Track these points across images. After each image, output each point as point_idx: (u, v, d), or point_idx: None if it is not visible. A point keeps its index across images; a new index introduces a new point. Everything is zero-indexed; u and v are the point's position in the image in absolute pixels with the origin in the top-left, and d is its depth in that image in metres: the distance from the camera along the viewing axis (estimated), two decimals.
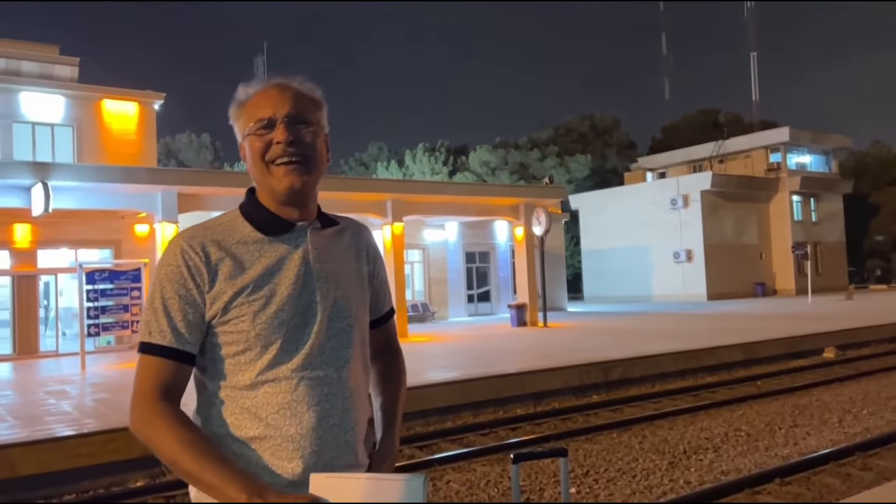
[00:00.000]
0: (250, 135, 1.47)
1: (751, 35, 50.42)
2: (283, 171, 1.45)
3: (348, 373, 1.49)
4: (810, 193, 37.71)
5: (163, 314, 1.38)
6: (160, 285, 1.40)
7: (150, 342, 1.38)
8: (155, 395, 1.35)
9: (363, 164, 53.70)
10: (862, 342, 15.87)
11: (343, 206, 18.84)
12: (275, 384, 1.40)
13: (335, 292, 1.50)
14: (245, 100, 1.51)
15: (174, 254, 1.41)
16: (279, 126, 1.45)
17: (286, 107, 1.47)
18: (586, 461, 7.40)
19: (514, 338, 17.19)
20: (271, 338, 1.40)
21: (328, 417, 1.43)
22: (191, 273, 1.40)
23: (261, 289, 1.42)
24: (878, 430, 8.27)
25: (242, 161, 1.54)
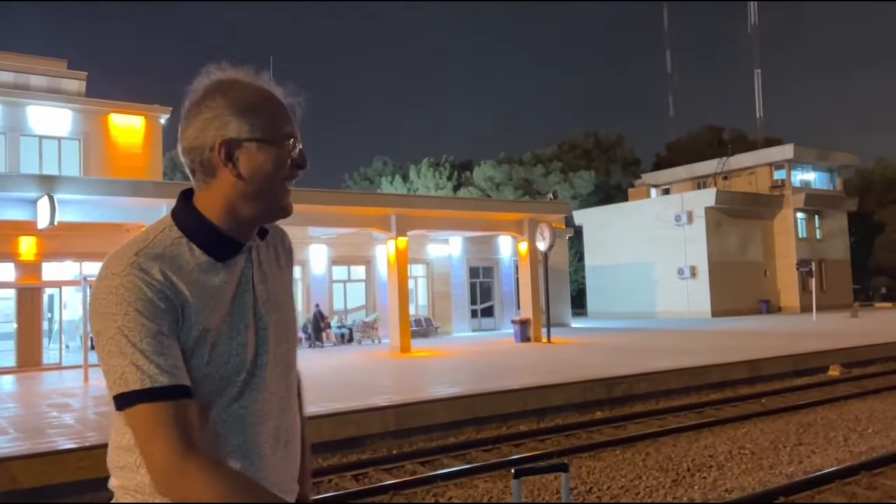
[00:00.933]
0: (273, 144, 1.29)
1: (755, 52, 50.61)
2: (288, 194, 1.35)
3: (289, 401, 1.41)
4: (815, 210, 37.67)
5: (154, 352, 1.18)
6: (135, 322, 1.18)
7: (155, 387, 1.16)
8: (184, 446, 1.14)
9: (368, 179, 53.87)
10: (867, 360, 15.79)
11: (347, 221, 18.92)
12: (227, 426, 1.27)
13: (276, 314, 1.38)
14: (256, 93, 1.31)
15: (136, 285, 1.20)
16: (301, 151, 1.34)
17: (298, 129, 1.35)
18: (589, 478, 7.35)
19: (518, 353, 17.15)
20: (230, 380, 1.28)
21: (276, 451, 1.35)
22: (165, 304, 1.21)
23: (222, 326, 1.27)
24: (883, 449, 8.22)
25: (219, 160, 1.28)
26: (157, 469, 1.16)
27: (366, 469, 7.99)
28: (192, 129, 1.29)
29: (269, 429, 1.33)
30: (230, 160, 1.28)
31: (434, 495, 7.04)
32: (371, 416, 9.22)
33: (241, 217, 1.31)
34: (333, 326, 23.05)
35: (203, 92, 1.30)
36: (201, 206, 1.32)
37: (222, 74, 1.32)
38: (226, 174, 1.28)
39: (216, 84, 1.31)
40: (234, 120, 1.28)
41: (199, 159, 1.29)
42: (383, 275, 23.52)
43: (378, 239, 23.32)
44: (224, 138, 1.27)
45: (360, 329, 23.54)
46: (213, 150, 1.28)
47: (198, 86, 1.32)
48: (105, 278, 1.22)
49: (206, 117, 1.28)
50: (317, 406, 9.52)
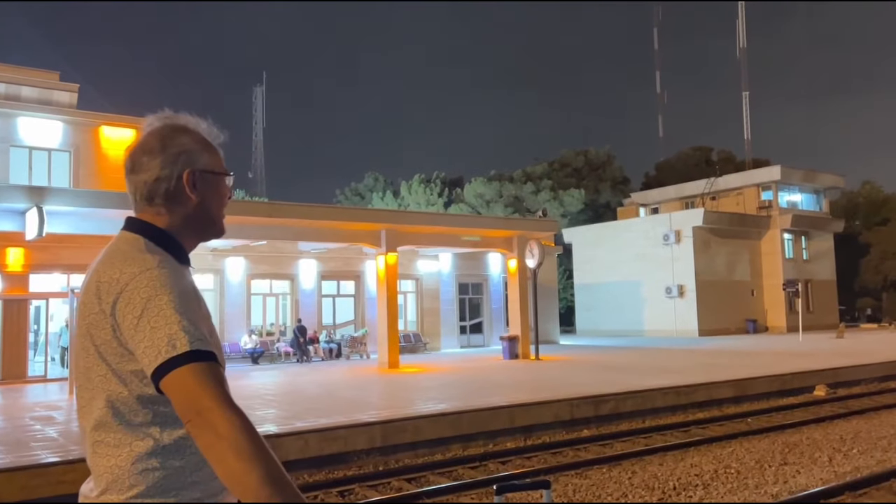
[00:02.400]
0: (223, 176, 1.58)
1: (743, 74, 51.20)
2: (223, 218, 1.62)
3: None
4: (801, 231, 38.00)
5: (195, 325, 1.34)
6: (182, 301, 1.36)
7: (203, 349, 1.31)
8: (233, 402, 1.28)
9: (359, 195, 53.92)
10: (852, 381, 15.89)
11: (337, 236, 18.92)
12: None
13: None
14: (211, 140, 1.59)
15: (170, 276, 1.39)
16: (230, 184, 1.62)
17: None
18: (575, 496, 7.36)
19: (506, 370, 17.14)
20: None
21: None
22: (195, 295, 1.44)
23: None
24: (868, 469, 8.27)
25: (187, 188, 1.51)
26: (211, 411, 1.24)
27: (352, 485, 7.97)
28: (158, 162, 1.50)
29: None
30: (194, 189, 1.52)
31: None
32: (357, 432, 9.20)
33: (192, 235, 1.55)
34: (322, 341, 22.97)
35: (169, 130, 1.54)
36: (161, 225, 1.52)
37: (176, 118, 1.57)
38: (188, 201, 1.52)
39: (176, 126, 1.55)
40: (202, 155, 1.54)
41: (165, 188, 1.50)
42: (372, 290, 23.51)
43: (368, 254, 23.34)
44: (192, 168, 1.52)
45: (349, 344, 23.47)
46: (181, 180, 1.51)
47: (154, 126, 1.55)
48: (139, 274, 1.38)
49: (175, 151, 1.51)
50: (303, 421, 9.48)
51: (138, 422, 1.40)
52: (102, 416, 1.40)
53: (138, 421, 1.40)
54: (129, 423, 1.39)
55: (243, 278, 22.60)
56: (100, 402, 1.41)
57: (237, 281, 22.54)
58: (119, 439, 1.39)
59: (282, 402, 11.93)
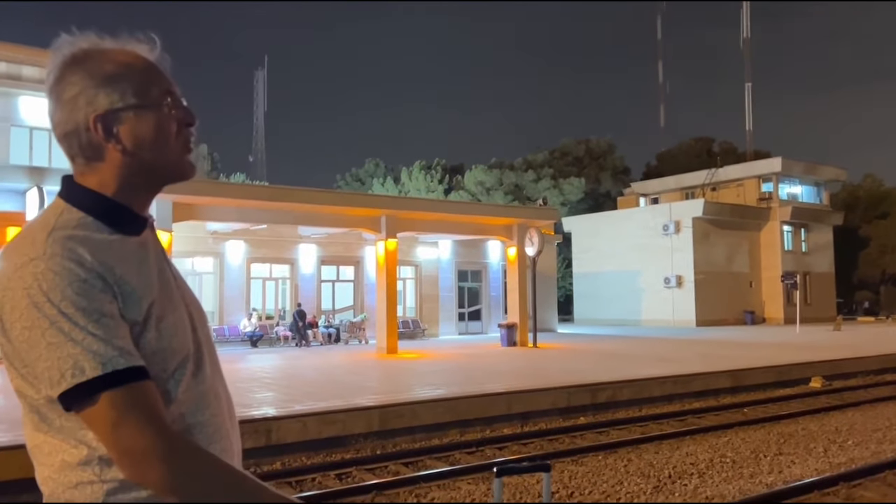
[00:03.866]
0: (150, 107, 1.20)
1: (746, 65, 51.01)
2: (192, 160, 1.26)
3: (224, 379, 1.36)
4: (801, 224, 38.02)
5: (106, 334, 1.07)
6: (75, 305, 1.06)
7: (118, 370, 1.06)
8: (163, 428, 1.08)
9: (359, 180, 53.87)
10: (849, 373, 15.94)
11: (337, 221, 18.92)
12: (193, 403, 1.21)
13: (188, 288, 1.33)
14: (118, 58, 1.20)
15: (67, 268, 1.08)
16: (184, 106, 1.25)
17: (174, 83, 1.26)
18: (571, 482, 7.40)
19: (504, 357, 17.19)
20: (182, 353, 1.20)
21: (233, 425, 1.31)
22: (103, 284, 1.10)
23: (161, 299, 1.19)
24: (862, 460, 8.31)
25: (100, 137, 1.18)
26: (135, 455, 1.05)
27: (349, 468, 8.01)
28: (61, 113, 1.19)
29: (224, 403, 1.29)
30: (111, 135, 1.18)
31: (416, 496, 7.07)
32: (356, 416, 9.24)
33: (138, 190, 1.22)
34: (321, 326, 23.03)
35: (59, 70, 1.19)
36: (92, 186, 1.20)
37: (74, 46, 1.20)
38: (111, 152, 1.19)
39: (70, 58, 1.19)
40: (100, 92, 1.17)
41: (79, 143, 1.19)
42: (372, 276, 23.53)
43: (368, 240, 23.34)
44: (96, 113, 1.17)
45: (348, 329, 23.53)
46: (90, 130, 1.18)
47: (52, 64, 1.19)
48: (22, 266, 1.08)
49: (71, 96, 1.17)
50: (301, 405, 9.52)
51: (69, 426, 1.12)
52: (30, 418, 1.16)
53: (69, 425, 1.11)
54: (57, 427, 1.12)
55: (243, 262, 22.62)
56: (23, 403, 1.16)
57: (237, 265, 22.56)
58: (52, 446, 1.14)
59: (280, 385, 11.98)
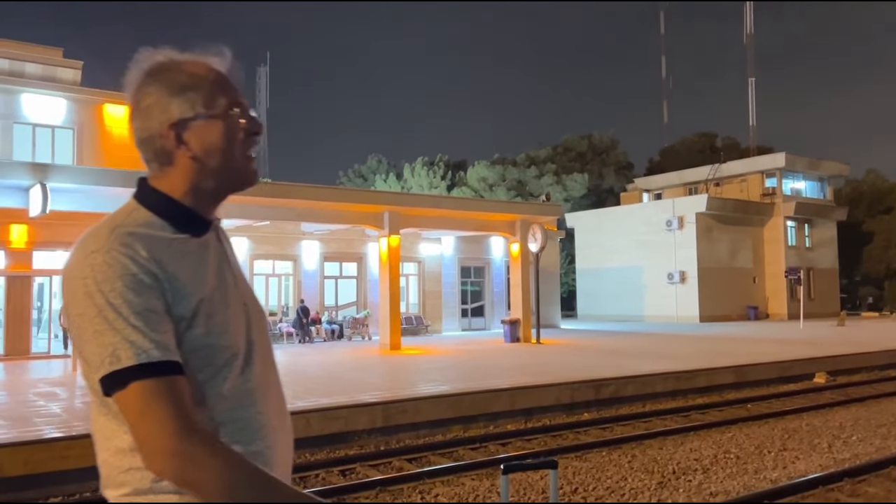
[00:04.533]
0: (219, 116, 1.28)
1: (750, 61, 50.86)
2: (255, 165, 1.34)
3: (278, 378, 1.42)
4: (805, 219, 37.92)
5: (146, 327, 1.14)
6: (123, 298, 1.14)
7: (151, 362, 1.12)
8: (186, 425, 1.11)
9: (361, 177, 53.82)
10: (853, 369, 15.91)
11: (340, 217, 18.92)
12: (236, 400, 1.25)
13: (250, 294, 1.40)
14: (191, 70, 1.30)
15: (119, 261, 1.16)
16: (251, 116, 1.33)
17: (242, 95, 1.34)
18: (575, 478, 7.40)
19: (507, 353, 17.19)
20: (232, 350, 1.26)
21: (282, 424, 1.36)
22: (151, 279, 1.17)
23: (214, 297, 1.26)
24: (867, 456, 8.30)
25: (172, 144, 1.28)
26: (156, 450, 1.11)
27: (353, 465, 8.02)
28: (138, 121, 1.29)
29: (273, 402, 1.34)
30: (181, 142, 1.27)
31: (420, 492, 7.07)
32: (359, 413, 9.24)
33: (205, 194, 1.31)
34: (324, 322, 23.04)
35: (138, 82, 1.29)
36: (163, 189, 1.30)
37: (151, 60, 1.30)
38: (181, 158, 1.28)
39: (148, 71, 1.29)
40: (173, 101, 1.27)
41: (153, 149, 1.29)
42: (375, 272, 23.54)
43: (370, 236, 23.33)
44: (170, 122, 1.27)
45: (351, 325, 23.54)
46: (164, 137, 1.27)
47: (132, 77, 1.30)
48: (84, 258, 1.18)
49: (147, 105, 1.28)
50: (305, 401, 9.53)
51: None
52: (93, 400, 1.23)
53: None
54: (114, 412, 1.18)
55: (246, 259, 22.62)
56: (88, 386, 1.21)
57: (240, 261, 22.38)
58: (110, 430, 1.20)
59: (284, 381, 11.86)
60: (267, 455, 1.26)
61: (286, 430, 1.37)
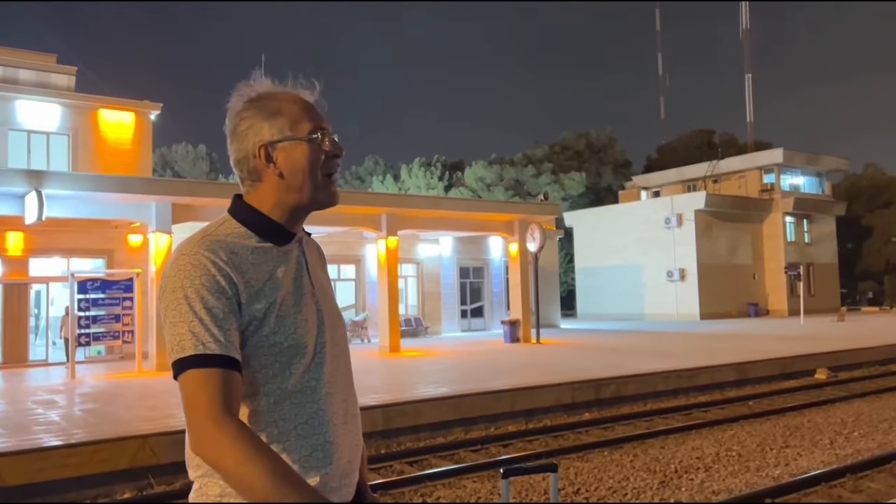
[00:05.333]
0: (302, 141, 1.44)
1: (746, 56, 50.85)
2: (334, 186, 1.50)
3: (351, 380, 1.56)
4: (803, 215, 37.91)
5: (211, 323, 1.30)
6: (198, 295, 1.31)
7: (207, 353, 1.28)
8: (222, 411, 1.26)
9: (359, 178, 53.78)
10: (854, 364, 15.89)
11: (337, 220, 18.87)
12: (301, 396, 1.39)
13: (328, 300, 1.53)
14: (282, 99, 1.47)
15: (202, 263, 1.33)
16: (333, 140, 1.48)
17: (327, 122, 1.50)
18: (577, 479, 7.36)
19: (507, 354, 17.16)
20: (299, 349, 1.39)
21: (346, 423, 1.48)
22: (226, 282, 1.33)
23: (287, 301, 1.40)
24: (869, 452, 8.27)
25: (262, 163, 1.45)
26: (193, 430, 1.27)
27: None
28: (235, 143, 1.47)
29: (338, 400, 1.47)
30: (270, 161, 1.44)
31: (422, 495, 7.03)
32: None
33: (289, 209, 1.46)
34: None
35: (238, 109, 1.47)
36: (253, 203, 1.47)
37: (252, 91, 1.48)
38: (269, 175, 1.45)
39: (248, 100, 1.47)
40: (265, 125, 1.44)
41: (247, 167, 1.46)
42: (373, 274, 23.49)
43: (368, 238, 23.29)
44: (261, 143, 1.44)
45: (350, 328, 23.49)
46: (256, 157, 1.45)
47: (233, 105, 1.48)
48: (175, 260, 1.36)
49: (243, 129, 1.46)
50: None
51: None
52: None
53: None
54: None
55: None
56: None
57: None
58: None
59: None
60: (328, 448, 1.40)
61: (353, 428, 1.51)
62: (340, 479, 1.43)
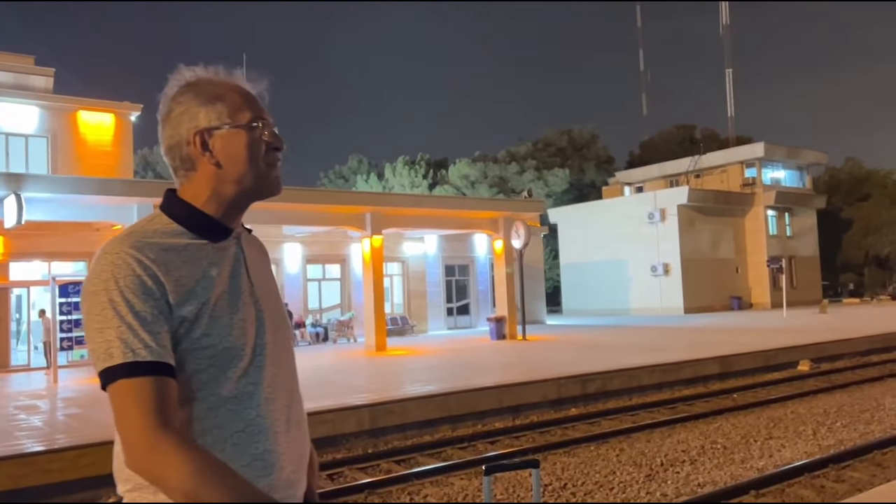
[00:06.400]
0: (243, 128, 1.35)
1: (726, 52, 51.19)
2: (277, 174, 1.41)
3: (295, 385, 1.47)
4: (785, 208, 38.26)
5: (140, 328, 1.20)
6: (123, 297, 1.21)
7: (138, 361, 1.18)
8: (159, 423, 1.17)
9: (342, 177, 53.63)
10: (835, 355, 16.07)
11: (322, 219, 18.82)
12: (237, 402, 1.30)
13: (271, 300, 1.43)
14: (222, 85, 1.38)
15: (126, 263, 1.23)
16: (273, 132, 1.40)
17: (268, 113, 1.42)
18: (564, 474, 7.39)
19: (493, 351, 17.18)
20: (235, 352, 1.30)
21: (289, 431, 1.38)
22: (153, 283, 1.24)
23: (222, 301, 1.31)
24: (851, 442, 8.37)
25: (197, 151, 1.35)
26: (128, 445, 1.18)
27: (341, 468, 7.96)
28: (168, 129, 1.37)
29: (280, 407, 1.37)
30: (206, 149, 1.35)
31: (409, 493, 7.04)
32: (346, 416, 9.18)
33: (226, 201, 1.37)
34: (308, 325, 22.92)
35: (174, 93, 1.38)
36: (187, 197, 1.37)
37: (191, 75, 1.39)
38: (204, 164, 1.36)
39: (184, 84, 1.38)
40: (202, 110, 1.35)
41: (179, 155, 1.36)
42: (358, 273, 23.42)
43: (353, 237, 23.24)
44: (197, 129, 1.34)
45: (336, 328, 23.43)
46: (190, 144, 1.35)
47: (169, 88, 1.39)
48: (98, 260, 1.26)
49: (178, 113, 1.36)
50: None
51: None
52: None
53: None
54: None
55: None
56: None
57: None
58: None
59: None
60: (268, 458, 1.31)
61: (298, 435, 1.42)
62: (284, 489, 1.34)
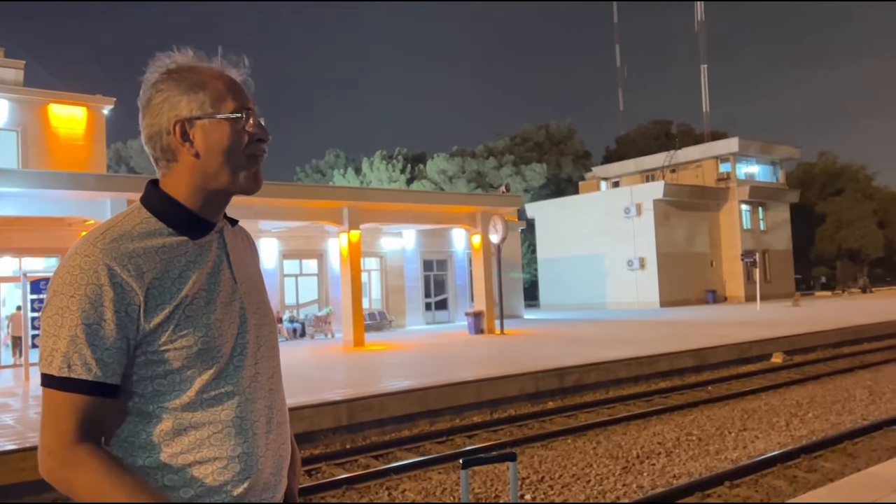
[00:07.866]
0: (226, 118, 1.30)
1: (701, 48, 51.64)
2: (257, 170, 1.35)
3: (278, 384, 1.43)
4: (759, 203, 38.74)
5: (85, 343, 1.17)
6: (79, 308, 1.17)
7: (71, 377, 1.17)
8: (76, 438, 1.17)
9: (319, 172, 53.34)
10: (808, 347, 16.32)
11: (299, 214, 18.69)
12: (215, 402, 1.27)
13: (256, 297, 1.39)
14: (205, 73, 1.32)
15: (93, 268, 1.19)
16: (258, 123, 1.34)
17: (253, 102, 1.36)
18: (541, 467, 7.43)
19: (472, 345, 17.22)
20: (212, 353, 1.27)
21: (269, 432, 1.35)
22: (118, 292, 1.19)
23: (198, 300, 1.27)
24: (822, 432, 8.51)
25: (177, 140, 1.29)
26: (43, 451, 1.19)
27: (318, 464, 7.93)
28: (148, 118, 1.32)
29: (260, 407, 1.34)
30: (186, 139, 1.29)
31: (388, 489, 7.03)
32: (323, 411, 9.15)
33: (206, 195, 1.32)
34: (285, 321, 22.79)
35: (154, 80, 1.32)
36: (168, 189, 1.32)
37: (170, 62, 1.33)
38: (184, 155, 1.30)
39: (165, 72, 1.32)
40: (183, 99, 1.29)
41: (160, 145, 1.31)
42: (336, 268, 23.33)
43: (330, 232, 23.14)
44: (177, 118, 1.29)
45: (313, 323, 23.32)
46: (170, 133, 1.30)
47: (149, 75, 1.33)
48: (67, 259, 1.22)
49: (158, 101, 1.30)
50: None
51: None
52: None
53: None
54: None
55: None
56: None
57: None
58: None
59: None
60: (247, 460, 1.28)
61: (279, 437, 1.38)
62: (262, 492, 1.31)
